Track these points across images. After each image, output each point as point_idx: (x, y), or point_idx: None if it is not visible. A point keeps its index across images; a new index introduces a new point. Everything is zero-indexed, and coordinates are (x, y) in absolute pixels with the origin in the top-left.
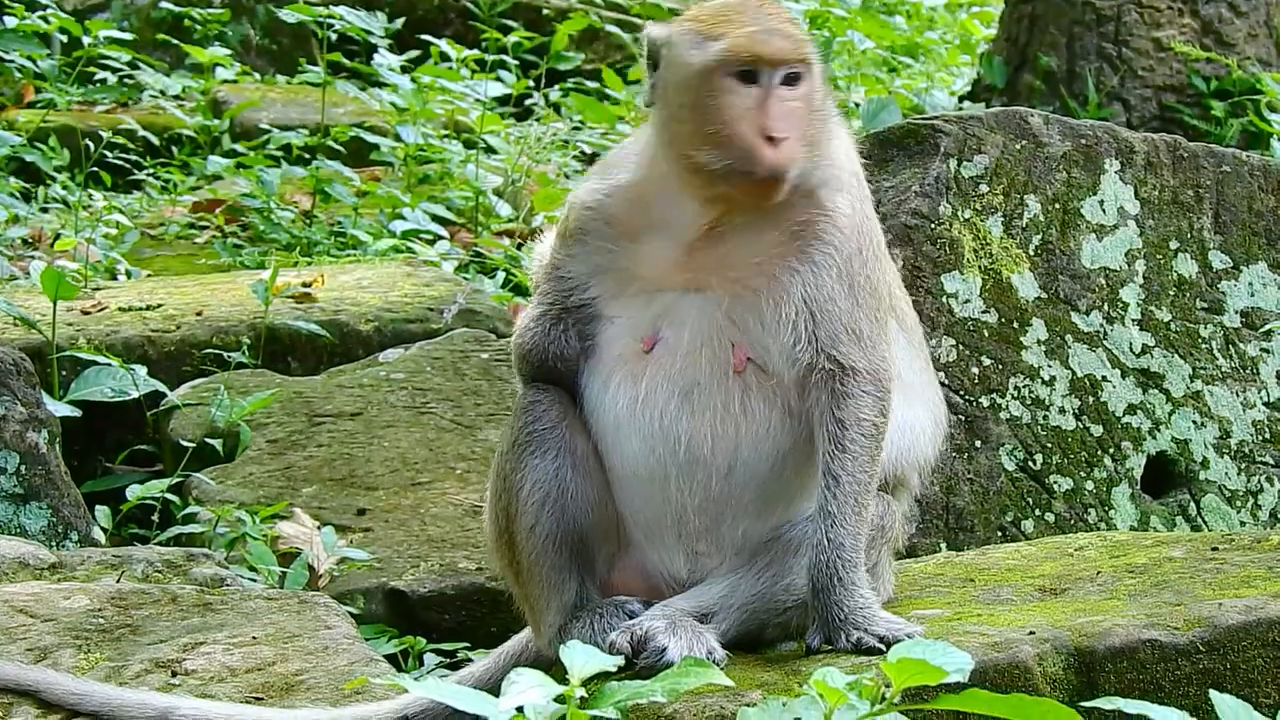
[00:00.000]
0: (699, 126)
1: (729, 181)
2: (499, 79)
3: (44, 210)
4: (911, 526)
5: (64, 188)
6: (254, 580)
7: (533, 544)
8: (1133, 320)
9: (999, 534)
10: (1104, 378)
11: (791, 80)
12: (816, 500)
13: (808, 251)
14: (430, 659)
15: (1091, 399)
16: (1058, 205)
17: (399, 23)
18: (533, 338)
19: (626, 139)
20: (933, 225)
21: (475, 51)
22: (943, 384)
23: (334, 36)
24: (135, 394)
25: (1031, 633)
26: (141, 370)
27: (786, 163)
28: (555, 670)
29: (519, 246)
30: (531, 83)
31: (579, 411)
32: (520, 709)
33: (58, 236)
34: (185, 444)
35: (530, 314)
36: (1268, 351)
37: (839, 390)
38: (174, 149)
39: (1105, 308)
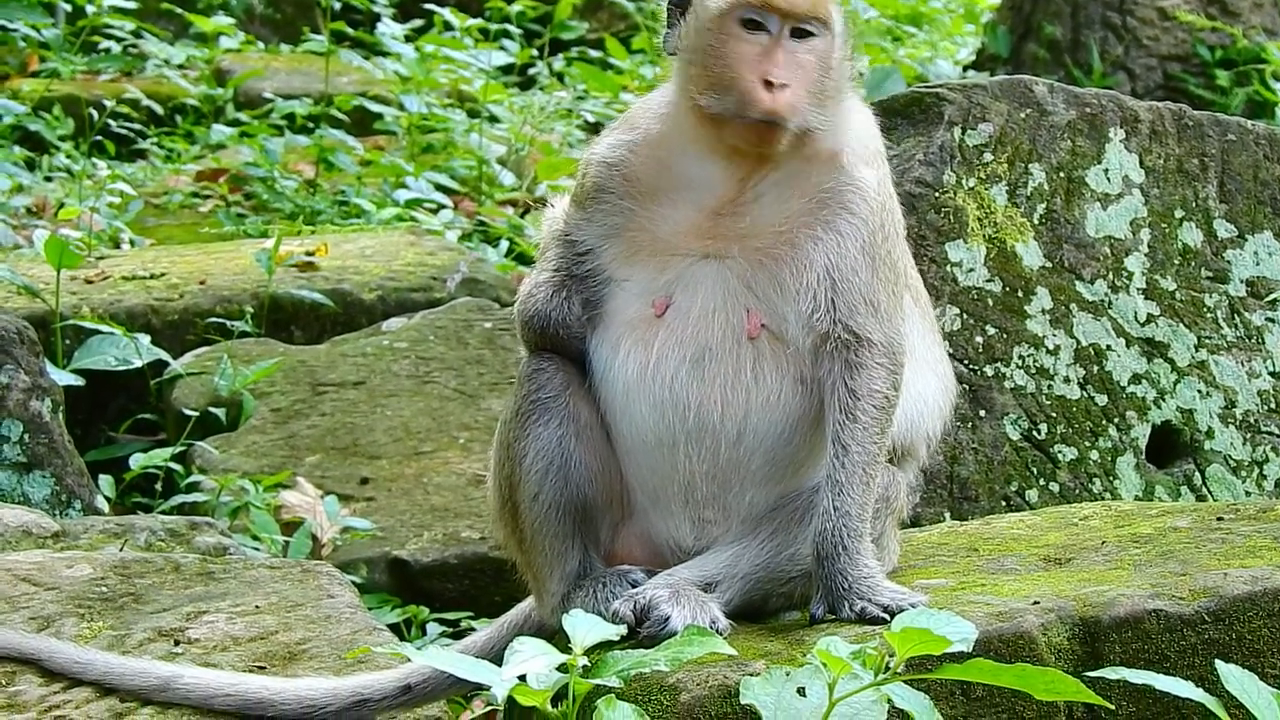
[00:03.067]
0: (705, 70)
1: (730, 126)
2: (502, 48)
3: (48, 179)
4: (916, 496)
5: (68, 156)
6: (257, 549)
7: (535, 512)
8: (1137, 289)
9: (1003, 504)
10: (1108, 347)
11: (803, 35)
12: (825, 469)
13: (833, 221)
14: (433, 628)
15: (1096, 368)
16: (1062, 174)
17: None
18: (535, 304)
19: (650, 93)
20: (937, 194)
21: (479, 20)
22: (947, 354)
23: (337, 5)
24: (138, 363)
25: (1036, 603)
26: (145, 339)
27: (783, 109)
28: (558, 639)
29: (522, 215)
30: (535, 52)
31: (584, 379)
32: (522, 678)
33: (61, 205)
34: (188, 413)
35: (534, 280)
36: (1273, 321)
37: (853, 361)
38: (178, 118)
39: (1110, 277)
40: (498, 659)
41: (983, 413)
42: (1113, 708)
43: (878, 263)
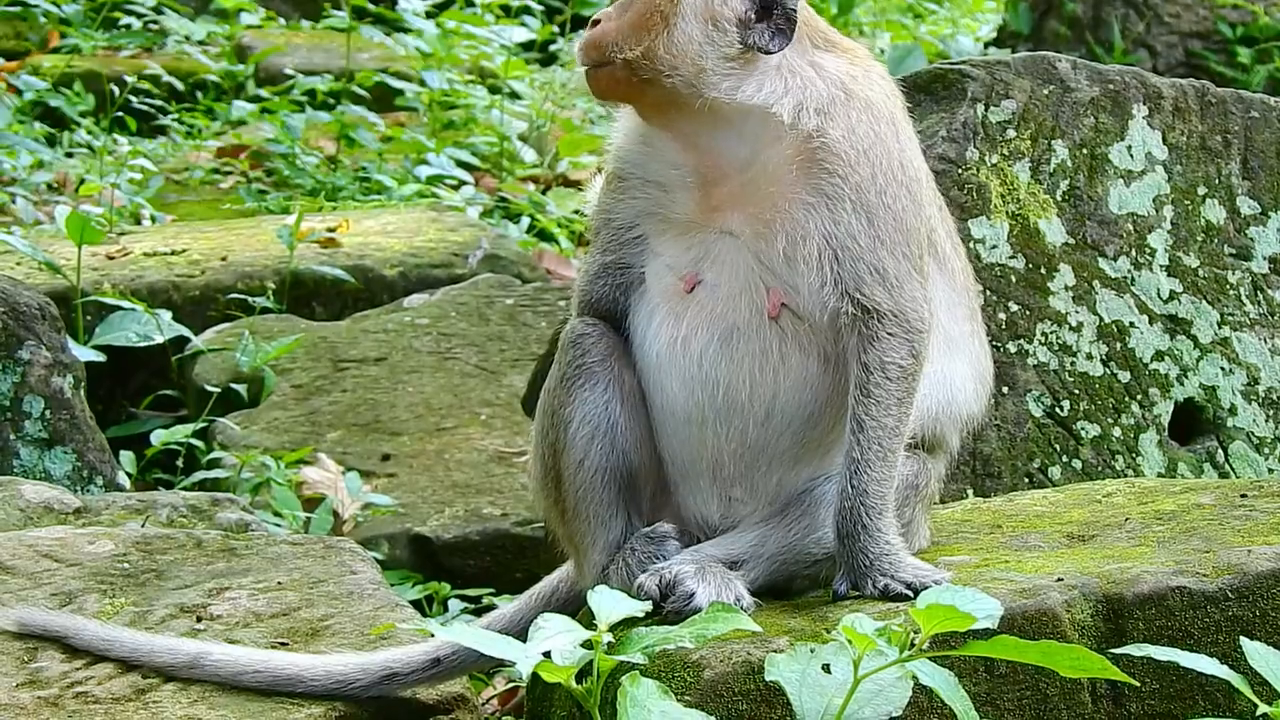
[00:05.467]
0: None
1: None
2: (523, 24)
3: (69, 155)
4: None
5: (89, 133)
6: (278, 525)
7: (581, 479)
8: (1160, 266)
9: (1026, 480)
10: (1131, 324)
11: None
12: (845, 447)
13: (817, 184)
14: (454, 605)
15: (1119, 345)
16: (1085, 151)
17: None
18: (601, 288)
19: None
20: (960, 170)
21: None
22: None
23: None
24: (160, 339)
25: (1059, 579)
26: (166, 315)
27: (586, 44)
28: (588, 613)
29: (544, 192)
30: (556, 28)
31: (626, 346)
32: (547, 654)
33: (82, 181)
34: (210, 389)
35: (593, 264)
36: None
37: (865, 334)
38: (198, 94)
39: (1133, 254)
40: (525, 632)
41: (1005, 389)
42: (1139, 685)
43: (877, 223)
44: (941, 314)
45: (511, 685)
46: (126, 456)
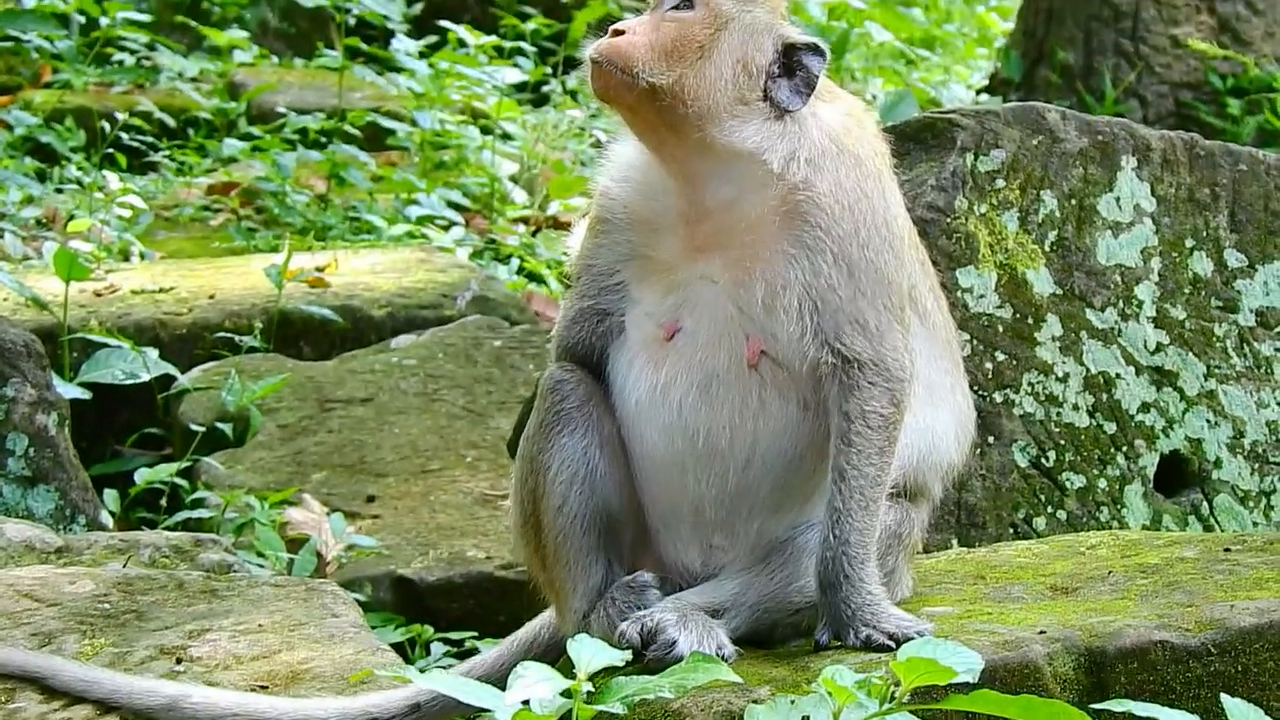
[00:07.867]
0: None
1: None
2: (516, 65)
3: (59, 191)
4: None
5: (79, 168)
6: (262, 566)
7: (560, 524)
8: (1147, 318)
9: (1010, 531)
10: (1118, 375)
11: (687, 5)
12: (826, 497)
13: (799, 235)
14: (437, 648)
15: (1105, 396)
16: (1074, 201)
17: (417, 8)
18: (578, 333)
19: None
20: (948, 219)
21: (493, 38)
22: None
23: (352, 20)
24: (146, 377)
25: (1042, 632)
26: (153, 353)
27: (610, 50)
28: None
29: (534, 234)
30: (549, 70)
31: (605, 393)
32: (526, 702)
33: (72, 217)
34: (195, 428)
35: (571, 309)
36: None
37: (845, 383)
38: (190, 131)
39: (1120, 305)
40: (507, 678)
41: (991, 439)
42: None
43: (858, 275)
44: (923, 365)
45: None
46: (110, 495)
